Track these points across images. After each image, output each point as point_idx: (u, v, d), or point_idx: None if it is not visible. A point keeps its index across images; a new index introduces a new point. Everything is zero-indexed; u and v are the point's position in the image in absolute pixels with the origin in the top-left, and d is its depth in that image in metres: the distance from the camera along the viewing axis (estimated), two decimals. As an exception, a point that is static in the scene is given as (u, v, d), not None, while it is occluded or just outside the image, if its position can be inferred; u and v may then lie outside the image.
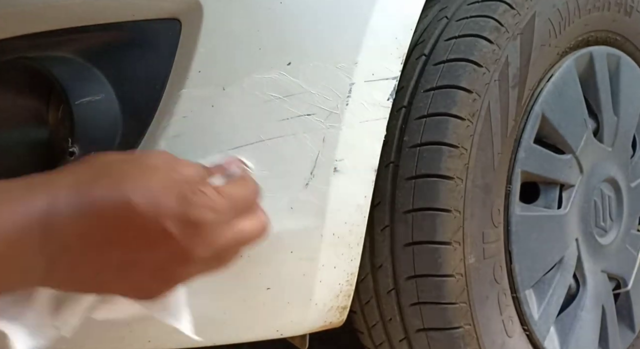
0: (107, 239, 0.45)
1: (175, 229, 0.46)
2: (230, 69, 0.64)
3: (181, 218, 0.46)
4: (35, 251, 0.43)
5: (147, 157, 0.48)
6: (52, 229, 0.43)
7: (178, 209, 0.46)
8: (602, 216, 1.06)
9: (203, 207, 0.47)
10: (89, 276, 0.47)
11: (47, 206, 0.43)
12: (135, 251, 0.46)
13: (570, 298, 1.03)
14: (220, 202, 0.49)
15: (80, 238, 0.44)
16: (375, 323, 0.85)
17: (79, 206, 0.44)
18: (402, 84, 0.80)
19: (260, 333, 0.71)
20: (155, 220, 0.45)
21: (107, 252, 0.46)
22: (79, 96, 0.63)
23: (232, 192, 0.51)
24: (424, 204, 0.77)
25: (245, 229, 0.52)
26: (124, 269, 0.47)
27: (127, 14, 0.64)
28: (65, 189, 0.44)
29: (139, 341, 0.68)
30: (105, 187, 0.45)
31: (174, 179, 0.47)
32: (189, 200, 0.46)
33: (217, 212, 0.48)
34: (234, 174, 0.54)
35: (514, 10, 0.85)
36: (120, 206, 0.44)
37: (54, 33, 0.63)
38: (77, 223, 0.44)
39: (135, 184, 0.45)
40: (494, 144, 0.82)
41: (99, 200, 0.44)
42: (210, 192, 0.48)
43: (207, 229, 0.48)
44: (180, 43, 0.64)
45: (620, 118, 1.10)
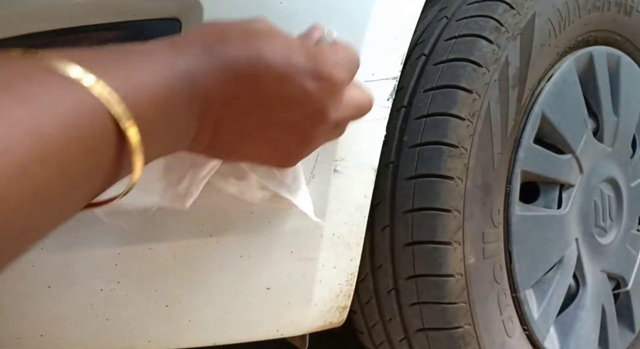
0: (246, 99, 0.45)
1: (311, 86, 0.46)
2: (230, 69, 0.64)
3: (315, 74, 0.46)
4: (185, 112, 0.42)
5: (258, 22, 0.48)
6: (197, 91, 0.42)
7: (310, 65, 0.46)
8: (602, 216, 1.06)
9: (330, 64, 0.47)
10: (233, 138, 0.47)
11: (188, 67, 0.42)
12: (275, 109, 0.46)
13: (570, 298, 1.03)
14: (340, 60, 0.48)
15: (222, 98, 0.44)
16: (375, 323, 0.85)
17: (215, 66, 0.43)
18: (402, 84, 0.80)
19: (260, 333, 0.71)
20: (292, 76, 0.45)
21: (247, 112, 0.45)
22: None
23: (344, 54, 0.50)
24: (424, 204, 0.77)
25: (358, 95, 0.52)
26: (264, 130, 0.47)
27: (127, 14, 0.64)
28: (197, 50, 0.43)
29: (139, 341, 0.68)
30: (235, 46, 0.44)
31: (291, 39, 0.47)
32: (317, 57, 0.46)
33: (342, 69, 0.48)
34: (328, 41, 0.53)
35: (514, 10, 0.85)
36: (255, 63, 0.44)
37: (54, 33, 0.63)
38: (217, 84, 0.43)
39: (265, 43, 0.44)
40: (494, 144, 0.82)
41: (233, 59, 0.44)
42: (330, 52, 0.48)
43: (337, 86, 0.48)
44: (180, 43, 0.64)
45: (620, 118, 1.10)
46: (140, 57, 0.41)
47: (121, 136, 0.37)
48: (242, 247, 0.66)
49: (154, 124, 0.39)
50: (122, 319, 0.67)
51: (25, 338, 0.66)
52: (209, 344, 0.71)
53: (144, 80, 0.39)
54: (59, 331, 0.67)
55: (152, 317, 0.67)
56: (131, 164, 0.38)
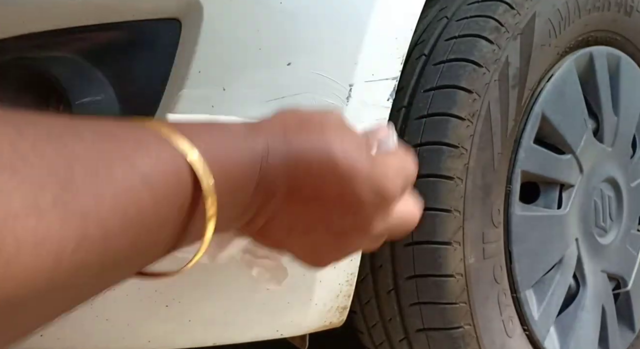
0: (308, 194, 0.44)
1: (368, 196, 0.45)
2: (230, 69, 0.64)
3: (373, 185, 0.45)
4: (251, 192, 0.42)
5: (332, 114, 0.47)
6: (267, 172, 0.43)
7: (370, 174, 0.45)
8: (602, 216, 1.06)
9: (390, 177, 0.46)
10: (283, 230, 0.47)
11: (265, 150, 0.42)
12: (330, 210, 0.46)
13: (570, 298, 1.03)
14: (397, 174, 0.48)
15: (287, 188, 0.44)
16: (375, 323, 0.85)
17: (290, 152, 0.43)
18: (402, 84, 0.80)
19: (260, 333, 0.71)
20: (354, 180, 0.44)
21: (304, 208, 0.45)
22: (79, 96, 0.63)
23: (402, 165, 0.49)
24: (425, 204, 0.77)
25: (406, 211, 0.51)
26: (313, 229, 0.47)
27: (127, 14, 0.64)
28: (279, 135, 0.43)
29: (139, 341, 0.68)
30: (311, 137, 0.44)
31: (359, 139, 0.46)
32: (378, 167, 0.46)
33: (396, 184, 0.47)
34: (389, 145, 0.52)
35: (514, 10, 0.85)
36: (326, 160, 0.44)
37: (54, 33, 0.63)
38: (287, 169, 0.43)
39: (334, 138, 0.44)
40: (494, 144, 0.82)
41: (307, 148, 0.44)
42: (390, 162, 0.48)
43: (389, 200, 0.47)
44: (180, 43, 0.64)
45: (620, 118, 1.10)
46: (227, 134, 0.42)
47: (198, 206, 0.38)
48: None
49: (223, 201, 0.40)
50: (122, 319, 0.67)
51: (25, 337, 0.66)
52: (209, 344, 0.71)
53: (228, 158, 0.40)
54: (59, 331, 0.67)
55: (152, 317, 0.67)
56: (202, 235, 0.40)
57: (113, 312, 0.66)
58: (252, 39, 0.65)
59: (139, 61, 0.65)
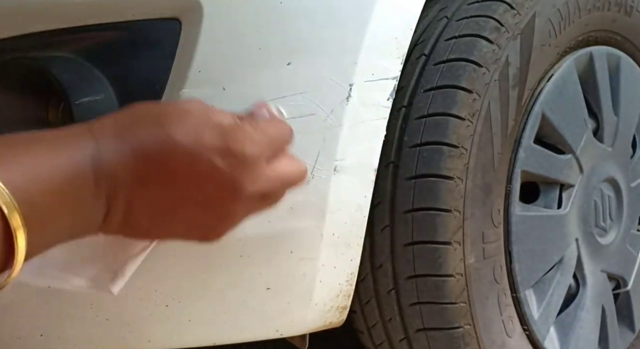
0: (157, 179, 0.46)
1: (221, 162, 0.47)
2: (230, 69, 0.64)
3: (224, 151, 0.47)
4: (92, 195, 0.44)
5: (182, 103, 0.49)
6: (103, 174, 0.44)
7: (220, 143, 0.47)
8: (602, 216, 1.06)
9: (243, 140, 0.48)
10: (146, 219, 0.48)
11: (95, 152, 0.44)
12: (186, 188, 0.47)
13: (570, 298, 1.03)
14: (258, 136, 0.50)
15: (132, 180, 0.45)
16: (375, 323, 0.85)
17: (125, 149, 0.44)
18: (402, 84, 0.80)
19: (260, 333, 0.71)
20: (200, 154, 0.46)
21: (159, 192, 0.46)
22: (79, 95, 0.63)
23: (267, 129, 0.51)
24: (424, 204, 0.77)
25: (286, 168, 0.53)
26: (179, 208, 0.48)
27: (127, 14, 0.64)
28: (109, 134, 0.45)
29: (139, 341, 0.68)
30: (146, 129, 0.45)
31: (210, 118, 0.48)
32: (229, 134, 0.48)
33: (257, 145, 0.49)
34: (263, 117, 0.55)
35: (514, 10, 0.85)
36: (164, 145, 0.45)
37: (54, 33, 0.63)
38: (126, 166, 0.44)
39: (175, 124, 0.46)
40: (494, 144, 0.82)
41: (143, 141, 0.45)
42: (247, 128, 0.49)
43: (251, 161, 0.48)
44: (180, 43, 0.64)
45: (620, 118, 1.10)
46: (45, 147, 0.42)
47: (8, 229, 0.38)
48: (242, 247, 0.66)
49: (50, 212, 0.41)
50: (122, 319, 0.67)
51: (25, 338, 0.66)
52: (209, 344, 0.71)
53: (40, 172, 0.41)
54: (59, 331, 0.67)
55: (152, 317, 0.67)
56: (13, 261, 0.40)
57: (113, 312, 0.66)
58: (252, 39, 0.65)
59: (139, 61, 0.65)
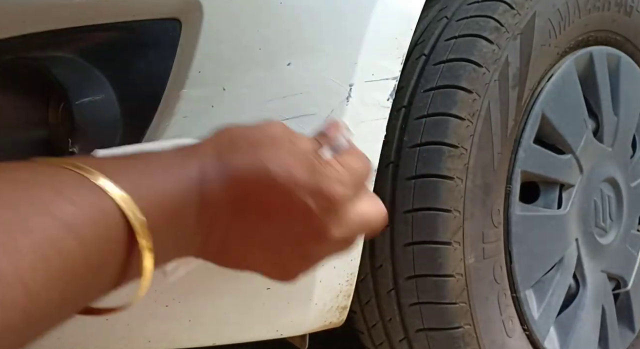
0: (252, 210, 0.45)
1: (311, 203, 0.45)
2: (230, 69, 0.64)
3: (315, 192, 0.45)
4: (194, 219, 0.43)
5: (271, 127, 0.47)
6: (206, 197, 0.43)
7: (311, 182, 0.45)
8: (602, 216, 1.06)
9: (333, 181, 0.46)
10: (240, 249, 0.47)
11: (200, 175, 0.43)
12: (277, 223, 0.46)
13: (570, 298, 1.03)
14: (346, 175, 0.48)
15: (230, 207, 0.44)
16: (375, 323, 0.85)
17: (226, 174, 0.43)
18: (402, 84, 0.80)
19: (260, 333, 0.71)
20: (294, 192, 0.44)
21: (253, 223, 0.45)
22: (79, 96, 0.63)
23: (352, 166, 0.49)
24: (424, 204, 0.77)
25: (369, 211, 0.51)
26: (268, 242, 0.47)
27: (127, 14, 0.64)
28: (212, 158, 0.44)
29: (139, 341, 0.68)
30: (245, 156, 0.44)
31: (297, 146, 0.46)
32: (319, 172, 0.46)
33: (345, 186, 0.47)
34: (342, 146, 0.52)
35: (514, 10, 0.85)
36: (260, 176, 0.44)
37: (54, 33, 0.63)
38: (226, 191, 0.43)
39: (270, 153, 0.44)
40: (494, 144, 0.82)
41: (241, 168, 0.44)
42: (335, 165, 0.48)
43: (340, 205, 0.47)
44: (180, 43, 0.64)
45: (620, 118, 1.10)
46: (155, 166, 0.42)
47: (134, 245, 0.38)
48: (242, 247, 0.66)
49: (162, 234, 0.40)
50: (122, 319, 0.67)
51: (25, 338, 0.66)
52: (209, 344, 0.71)
53: (159, 191, 0.40)
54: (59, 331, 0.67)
55: (152, 317, 0.67)
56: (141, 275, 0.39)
57: (113, 312, 0.66)
58: (252, 39, 0.65)
59: (139, 61, 0.65)
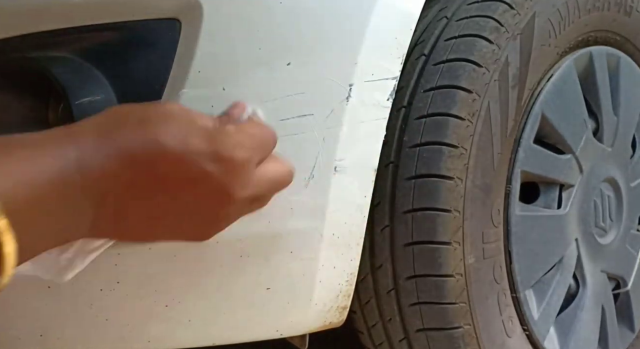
0: (145, 183, 0.45)
1: (210, 167, 0.46)
2: (230, 69, 0.64)
3: (214, 156, 0.46)
4: (79, 201, 0.42)
5: (164, 106, 0.48)
6: (89, 178, 0.42)
7: (209, 148, 0.46)
8: (602, 216, 1.06)
9: (232, 145, 0.47)
10: (136, 222, 0.47)
11: (78, 156, 0.42)
12: (176, 192, 0.46)
13: (570, 298, 1.03)
14: (246, 140, 0.49)
15: (119, 184, 0.44)
16: (375, 323, 0.85)
17: (110, 152, 0.43)
18: (402, 84, 0.80)
19: (260, 333, 0.71)
20: (189, 159, 0.45)
21: (147, 196, 0.45)
22: (79, 96, 0.63)
23: (252, 132, 0.50)
24: (424, 204, 0.77)
25: (274, 171, 0.53)
26: (168, 212, 0.47)
27: (127, 14, 0.64)
28: (92, 138, 0.43)
29: (139, 341, 0.68)
30: (130, 132, 0.44)
31: (195, 121, 0.47)
32: (217, 139, 0.47)
33: (246, 149, 0.48)
34: (243, 119, 0.54)
35: (513, 10, 0.85)
36: (151, 149, 0.44)
37: (54, 33, 0.63)
38: (112, 170, 0.43)
39: (161, 127, 0.45)
40: (493, 144, 0.82)
41: (128, 144, 0.43)
42: (234, 132, 0.49)
43: (240, 166, 0.48)
44: (180, 43, 0.64)
45: (620, 118, 1.10)
46: (28, 152, 0.41)
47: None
48: (242, 247, 0.66)
49: (37, 219, 0.40)
50: (122, 319, 0.67)
51: (25, 338, 0.66)
52: (209, 344, 0.71)
53: (26, 177, 0.39)
54: (59, 331, 0.67)
55: (152, 317, 0.67)
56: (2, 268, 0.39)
57: (113, 312, 0.66)
58: (252, 39, 0.65)
59: (139, 61, 0.65)
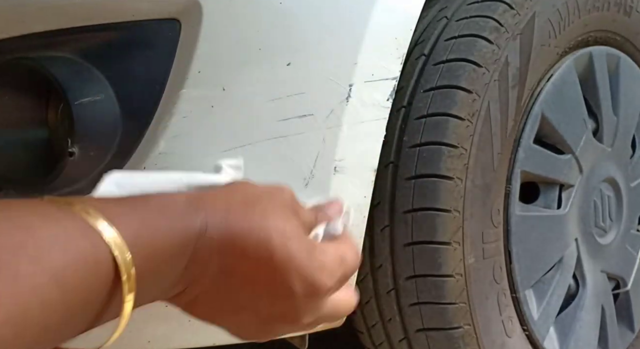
0: (240, 275, 0.44)
1: (298, 287, 0.44)
2: (230, 69, 0.64)
3: (305, 276, 0.44)
4: (181, 270, 0.42)
5: (281, 194, 0.47)
6: (200, 252, 0.42)
7: (304, 264, 0.44)
8: (602, 216, 1.07)
9: (325, 270, 0.46)
10: (210, 307, 0.47)
11: (203, 226, 0.42)
12: (260, 295, 0.45)
13: (570, 298, 1.03)
14: (337, 267, 0.47)
15: (219, 266, 0.43)
16: (375, 323, 0.85)
17: (227, 232, 0.42)
18: (402, 84, 0.80)
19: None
20: (285, 270, 0.44)
21: (236, 288, 0.45)
22: (79, 96, 0.63)
23: (345, 258, 0.48)
24: (424, 204, 0.77)
25: (341, 300, 0.50)
26: (241, 312, 0.47)
27: (127, 14, 0.64)
28: (220, 215, 0.43)
29: (139, 341, 0.68)
30: (252, 221, 0.43)
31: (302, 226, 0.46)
32: (314, 257, 0.45)
33: (333, 279, 0.46)
34: (336, 230, 0.51)
35: (513, 10, 0.85)
36: (261, 243, 0.43)
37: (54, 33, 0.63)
38: (222, 248, 0.43)
39: (276, 225, 0.44)
40: (493, 144, 0.82)
41: (245, 232, 0.43)
42: (330, 254, 0.47)
43: (323, 294, 0.46)
44: (180, 43, 0.64)
45: (620, 118, 1.10)
46: (159, 213, 0.41)
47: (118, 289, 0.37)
48: (242, 247, 0.66)
49: (147, 281, 0.39)
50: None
51: (25, 338, 0.66)
52: (209, 344, 0.71)
53: (157, 239, 0.39)
54: (59, 331, 0.67)
55: (152, 317, 0.67)
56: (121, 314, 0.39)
57: (113, 312, 0.66)
58: (252, 39, 0.65)
59: (139, 61, 0.65)
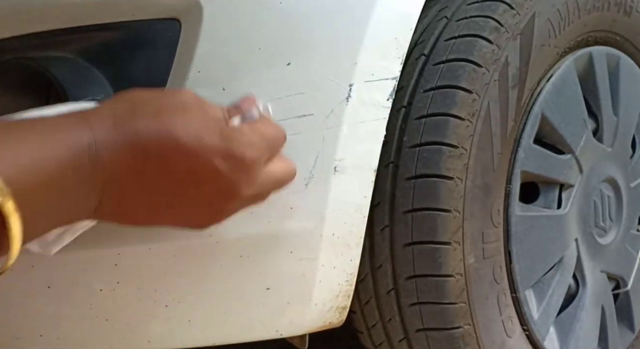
0: (154, 173, 0.45)
1: (221, 165, 0.46)
2: (230, 69, 0.64)
3: (226, 154, 0.46)
4: (87, 184, 0.43)
5: (179, 96, 0.48)
6: (99, 164, 0.43)
7: (222, 145, 0.46)
8: (602, 216, 1.07)
9: (245, 144, 0.48)
10: (140, 209, 0.47)
11: (91, 141, 0.43)
12: (184, 186, 0.46)
13: (570, 298, 1.03)
14: (258, 140, 0.50)
15: (128, 172, 0.44)
16: (375, 323, 0.85)
17: (123, 140, 0.43)
18: (402, 84, 0.80)
19: (260, 333, 0.71)
20: (202, 155, 0.45)
21: (155, 186, 0.46)
22: (79, 96, 0.63)
23: (263, 131, 0.51)
24: (424, 204, 0.77)
25: (279, 169, 0.54)
26: (173, 203, 0.48)
27: (127, 14, 0.64)
28: (106, 124, 0.44)
29: (139, 341, 0.68)
30: (145, 122, 0.44)
31: (208, 114, 0.47)
32: (230, 137, 0.47)
33: (257, 149, 0.49)
34: (253, 117, 0.55)
35: (513, 10, 0.85)
36: (164, 142, 0.44)
37: (54, 33, 0.63)
38: (123, 158, 0.44)
39: (176, 120, 0.45)
40: (493, 144, 0.82)
41: (142, 135, 0.44)
42: (246, 130, 0.49)
43: (250, 165, 0.48)
44: (180, 43, 0.64)
45: (620, 118, 1.10)
46: (40, 135, 0.41)
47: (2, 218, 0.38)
48: (242, 247, 0.66)
49: (44, 201, 0.40)
50: (122, 319, 0.67)
51: (25, 338, 0.66)
52: (209, 344, 0.71)
53: (36, 161, 0.40)
54: (59, 331, 0.67)
55: (152, 317, 0.67)
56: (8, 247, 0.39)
57: (112, 312, 0.66)
58: (252, 39, 0.65)
59: (139, 61, 0.65)
